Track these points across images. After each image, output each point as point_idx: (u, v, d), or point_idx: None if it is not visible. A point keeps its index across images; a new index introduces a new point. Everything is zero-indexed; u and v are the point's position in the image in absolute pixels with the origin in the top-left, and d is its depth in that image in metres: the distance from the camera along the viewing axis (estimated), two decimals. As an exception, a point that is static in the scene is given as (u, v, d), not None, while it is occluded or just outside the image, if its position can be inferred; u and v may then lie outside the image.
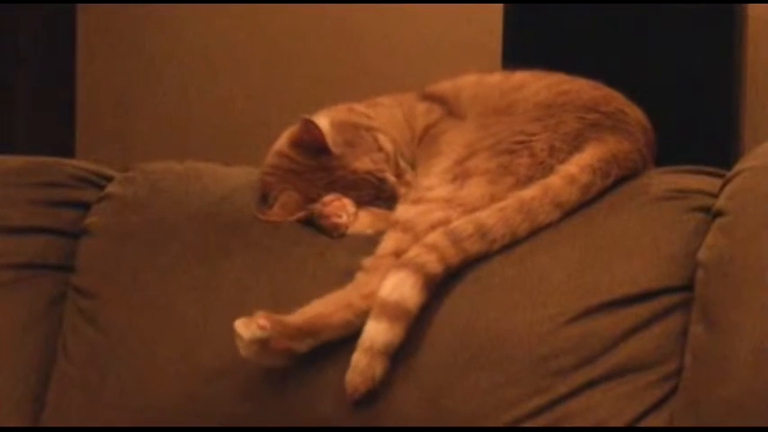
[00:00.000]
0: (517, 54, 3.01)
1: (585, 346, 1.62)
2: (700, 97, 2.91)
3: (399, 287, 1.63)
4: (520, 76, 1.89)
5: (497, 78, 1.92)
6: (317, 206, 1.80)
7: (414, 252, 1.65)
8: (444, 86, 1.94)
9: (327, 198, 1.80)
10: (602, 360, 1.62)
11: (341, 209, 1.79)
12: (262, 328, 1.61)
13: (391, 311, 1.62)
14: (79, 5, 3.99)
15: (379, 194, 1.83)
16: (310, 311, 1.66)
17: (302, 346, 1.64)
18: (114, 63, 3.98)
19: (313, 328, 1.64)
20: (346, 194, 1.82)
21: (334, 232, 1.79)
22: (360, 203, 1.82)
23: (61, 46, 3.97)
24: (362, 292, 1.66)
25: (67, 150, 3.89)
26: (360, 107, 1.92)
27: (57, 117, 3.98)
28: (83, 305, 1.90)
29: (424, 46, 3.59)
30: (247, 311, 1.76)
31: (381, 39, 3.67)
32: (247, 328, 1.61)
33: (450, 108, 1.89)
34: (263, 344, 1.62)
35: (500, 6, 3.11)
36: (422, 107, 1.91)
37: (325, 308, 1.66)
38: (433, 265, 1.65)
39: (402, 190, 1.81)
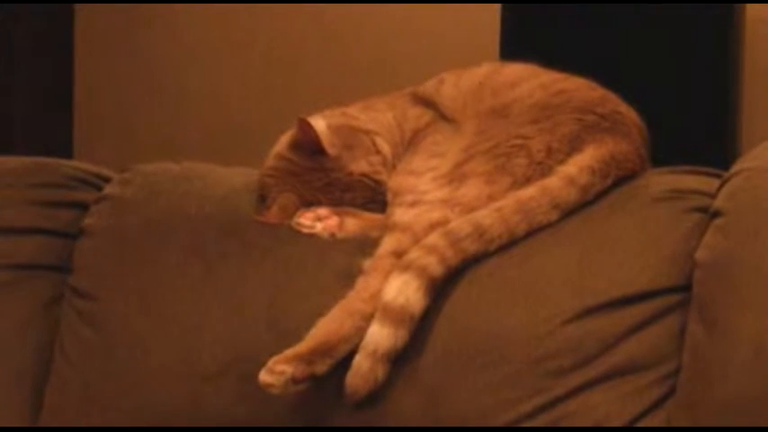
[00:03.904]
0: (515, 54, 3.00)
1: (583, 346, 1.62)
2: (698, 97, 2.91)
3: (404, 291, 1.63)
4: (511, 71, 1.89)
5: (483, 71, 1.91)
6: (293, 224, 1.81)
7: (414, 254, 1.65)
8: (428, 88, 1.93)
9: (298, 213, 1.81)
10: (601, 361, 1.62)
11: (310, 219, 1.79)
12: (281, 372, 1.61)
13: (396, 316, 1.62)
14: (77, 5, 3.99)
15: (374, 197, 1.82)
16: (318, 332, 1.65)
17: (322, 368, 1.63)
18: (113, 64, 3.99)
19: (326, 347, 1.63)
20: (342, 196, 1.82)
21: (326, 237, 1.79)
22: (355, 206, 1.82)
23: (59, 46, 3.97)
24: (364, 295, 1.66)
25: (65, 151, 3.89)
26: (352, 111, 1.92)
27: (54, 118, 3.98)
28: (80, 306, 1.90)
29: (422, 46, 3.60)
30: (245, 313, 1.77)
31: (378, 39, 3.67)
32: (272, 374, 1.62)
33: (438, 110, 1.89)
34: (293, 380, 1.62)
35: (497, 6, 3.11)
36: (414, 112, 1.91)
37: (331, 323, 1.65)
38: (435, 267, 1.65)
39: None
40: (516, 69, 1.88)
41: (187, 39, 3.89)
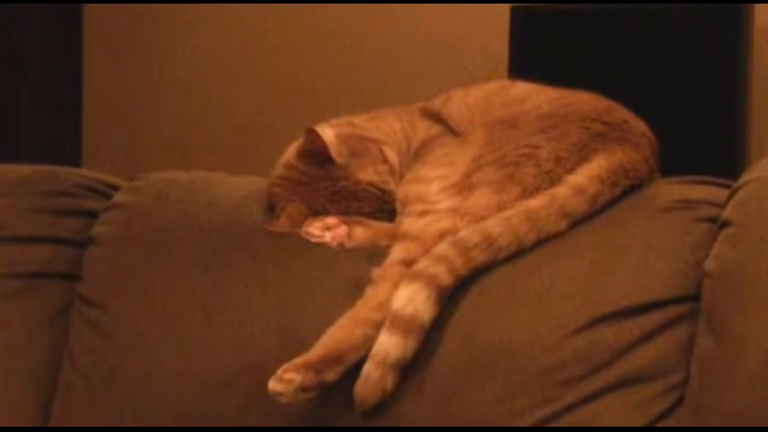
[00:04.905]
0: (523, 55, 3.01)
1: (592, 356, 1.62)
2: (706, 107, 2.92)
3: (413, 300, 1.63)
4: (520, 88, 1.89)
5: (491, 87, 1.92)
6: (302, 234, 1.81)
7: (424, 263, 1.65)
8: (436, 103, 1.94)
9: (307, 222, 1.81)
10: (609, 370, 1.62)
11: (319, 228, 1.80)
12: (290, 380, 1.61)
13: (405, 325, 1.62)
14: (86, 10, 3.99)
15: (381, 206, 1.83)
16: (328, 340, 1.65)
17: (331, 376, 1.63)
18: (121, 71, 3.99)
19: (336, 354, 1.64)
20: (349, 206, 1.82)
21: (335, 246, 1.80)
22: (363, 215, 1.82)
23: (67, 53, 3.98)
24: (373, 304, 1.67)
25: (74, 159, 3.90)
26: (359, 121, 1.93)
27: (63, 126, 3.99)
28: (89, 314, 1.91)
29: (430, 47, 3.60)
30: (253, 321, 1.77)
31: (386, 41, 3.67)
32: (281, 382, 1.62)
33: (445, 124, 1.90)
34: (302, 388, 1.62)
35: (506, 6, 3.12)
36: (422, 124, 1.91)
37: (340, 331, 1.66)
38: (444, 276, 1.65)
39: None
40: (525, 86, 1.89)
41: (196, 47, 3.90)
